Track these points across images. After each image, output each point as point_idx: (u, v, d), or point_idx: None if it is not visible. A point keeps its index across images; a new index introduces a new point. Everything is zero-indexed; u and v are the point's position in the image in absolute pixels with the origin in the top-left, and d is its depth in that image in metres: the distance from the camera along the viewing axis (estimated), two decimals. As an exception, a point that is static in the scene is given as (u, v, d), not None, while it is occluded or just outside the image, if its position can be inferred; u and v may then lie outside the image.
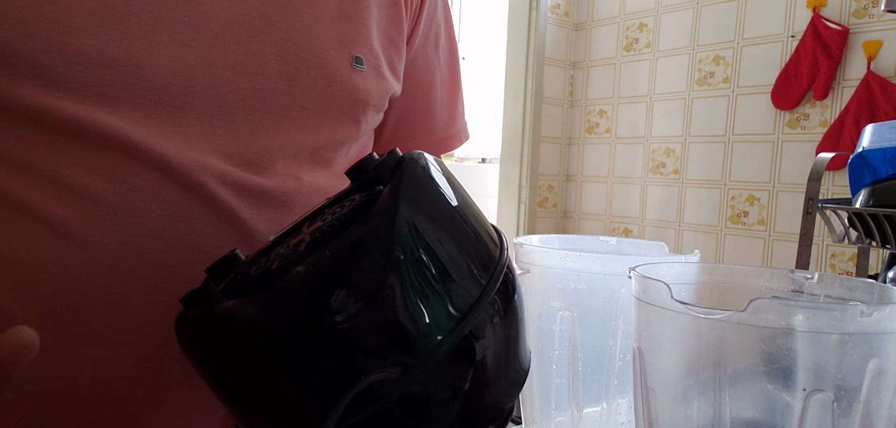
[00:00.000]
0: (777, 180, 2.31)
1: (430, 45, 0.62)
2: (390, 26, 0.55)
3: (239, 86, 0.44)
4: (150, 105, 0.41)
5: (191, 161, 0.42)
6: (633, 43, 2.75)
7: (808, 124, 2.24)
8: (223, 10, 0.43)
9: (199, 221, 0.42)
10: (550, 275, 0.47)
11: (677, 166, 2.61)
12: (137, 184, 0.40)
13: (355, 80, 0.50)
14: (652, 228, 2.71)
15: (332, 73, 0.48)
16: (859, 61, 2.11)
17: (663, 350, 0.35)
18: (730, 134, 2.44)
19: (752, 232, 2.39)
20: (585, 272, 0.45)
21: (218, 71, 0.43)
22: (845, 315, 0.30)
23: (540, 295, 0.47)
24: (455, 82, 0.67)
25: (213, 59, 0.43)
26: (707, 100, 2.50)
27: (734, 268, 0.42)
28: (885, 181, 0.99)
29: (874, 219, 0.96)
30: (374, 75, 0.51)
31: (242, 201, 0.44)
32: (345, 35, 0.49)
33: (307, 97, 0.47)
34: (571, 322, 0.46)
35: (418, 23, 0.59)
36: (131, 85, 0.40)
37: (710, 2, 2.48)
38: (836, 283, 0.39)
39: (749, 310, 0.30)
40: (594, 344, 0.46)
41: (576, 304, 0.46)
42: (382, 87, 0.53)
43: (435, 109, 0.64)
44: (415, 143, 0.62)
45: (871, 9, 2.08)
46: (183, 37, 0.42)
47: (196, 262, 0.40)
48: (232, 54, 0.44)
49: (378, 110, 0.54)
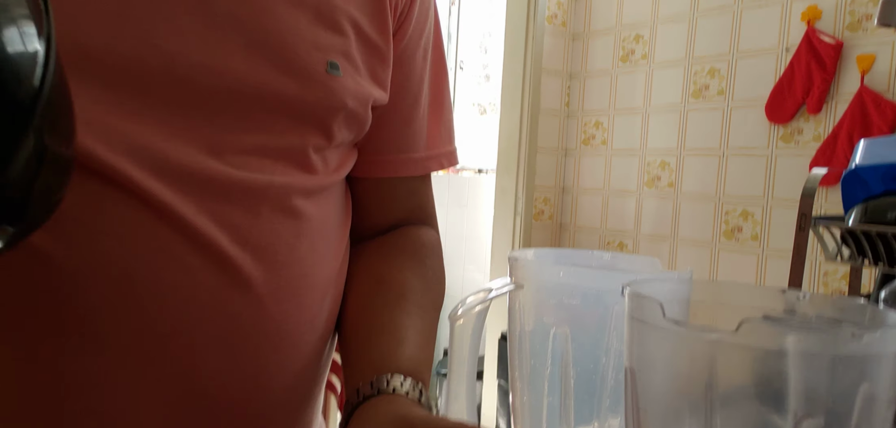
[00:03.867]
0: (771, 195, 2.32)
1: (418, 56, 0.61)
2: (374, 33, 0.54)
3: (201, 85, 0.43)
4: (104, 103, 0.41)
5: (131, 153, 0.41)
6: (629, 54, 2.76)
7: (801, 139, 2.25)
8: (186, 8, 0.43)
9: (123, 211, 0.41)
10: (544, 290, 0.47)
11: (672, 180, 2.62)
12: (92, 187, 0.40)
13: (329, 85, 0.49)
14: (647, 242, 2.71)
15: (303, 77, 0.48)
16: (853, 75, 2.12)
17: (655, 369, 0.35)
18: (724, 148, 2.45)
19: (745, 247, 2.40)
20: (579, 288, 0.45)
21: (180, 71, 0.43)
22: (836, 338, 0.30)
23: (533, 311, 0.47)
24: (441, 101, 0.65)
25: (174, 56, 0.43)
26: (702, 112, 2.51)
27: (727, 285, 0.42)
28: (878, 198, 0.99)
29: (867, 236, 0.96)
30: (351, 83, 0.51)
31: (189, 196, 0.43)
32: (321, 40, 0.49)
33: (273, 100, 0.46)
34: (564, 339, 0.46)
35: (405, 24, 0.58)
36: (88, 78, 0.40)
37: (705, 14, 2.49)
38: (828, 303, 0.39)
39: (740, 331, 0.30)
40: (586, 362, 0.46)
41: (569, 320, 0.46)
42: (360, 94, 0.52)
43: (418, 124, 0.63)
44: (400, 157, 0.62)
45: (866, 23, 2.10)
46: (144, 32, 0.41)
47: (158, 262, 0.40)
48: (195, 53, 0.43)
49: (355, 119, 0.53)
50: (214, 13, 0.44)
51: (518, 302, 0.48)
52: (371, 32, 0.53)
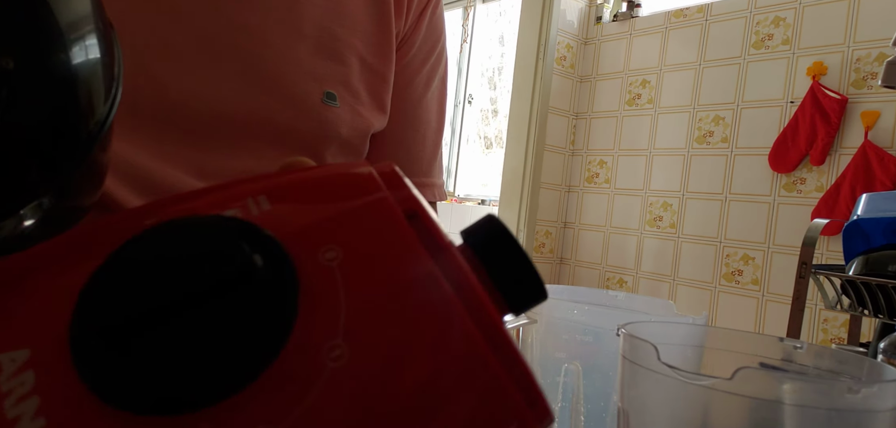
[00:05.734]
0: (772, 241, 2.32)
1: (418, 80, 0.61)
2: (377, 59, 0.54)
3: (192, 110, 0.44)
4: None
5: None
6: (635, 98, 2.79)
7: (804, 188, 2.26)
8: (183, 34, 0.43)
9: None
10: (557, 326, 0.46)
11: (674, 221, 2.62)
12: None
13: (324, 115, 0.49)
14: (647, 280, 2.70)
15: (297, 106, 0.48)
16: (857, 130, 2.14)
17: (648, 412, 0.35)
18: (727, 193, 2.45)
19: (745, 291, 2.39)
20: (591, 327, 0.45)
21: (172, 95, 0.43)
22: (833, 390, 0.29)
23: (544, 346, 0.47)
24: (440, 135, 0.65)
25: (167, 81, 0.43)
26: (705, 158, 2.52)
27: (725, 331, 0.42)
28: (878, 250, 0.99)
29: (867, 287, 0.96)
30: (348, 112, 0.51)
31: None
32: (319, 70, 0.49)
33: (265, 128, 0.47)
34: (576, 375, 0.46)
35: (408, 44, 0.58)
36: None
37: (711, 64, 2.52)
38: (826, 354, 0.39)
39: (736, 378, 0.30)
40: (597, 399, 0.45)
41: (581, 356, 0.46)
42: (358, 124, 0.52)
43: (416, 147, 0.62)
44: None
45: (870, 81, 2.11)
46: (137, 55, 0.42)
47: None
48: (188, 79, 0.44)
49: (350, 148, 0.53)
50: (212, 41, 0.44)
51: (531, 336, 0.48)
52: (375, 60, 0.54)
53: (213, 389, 0.13)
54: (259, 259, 0.14)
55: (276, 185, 0.16)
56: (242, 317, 0.13)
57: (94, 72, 0.22)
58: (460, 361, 0.14)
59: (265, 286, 0.14)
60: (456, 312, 0.15)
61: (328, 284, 0.14)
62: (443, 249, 0.16)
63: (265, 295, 0.14)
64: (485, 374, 0.14)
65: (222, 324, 0.13)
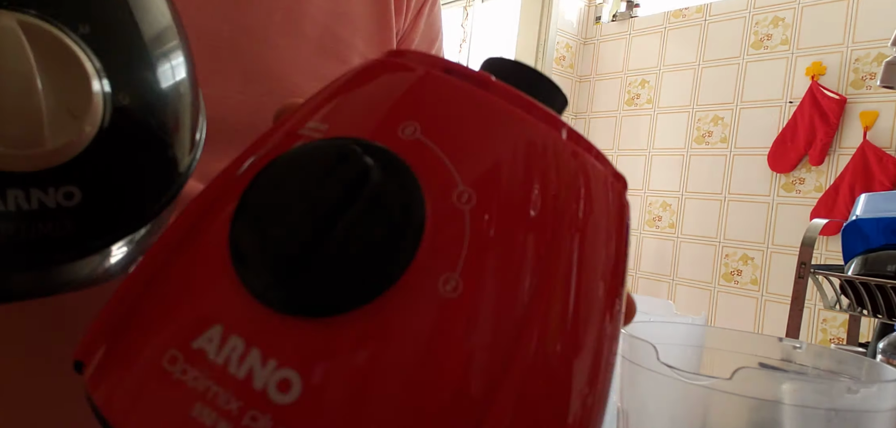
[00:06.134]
0: (771, 241, 2.32)
1: None
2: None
3: None
4: None
5: None
6: (634, 98, 2.79)
7: (803, 188, 2.26)
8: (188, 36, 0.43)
9: None
10: None
11: (673, 221, 2.62)
12: None
13: None
14: (646, 280, 2.70)
15: None
16: (856, 130, 2.14)
17: (647, 413, 0.35)
18: (726, 193, 2.45)
19: (744, 291, 2.39)
20: None
21: None
22: (832, 390, 0.29)
23: None
24: None
25: None
26: (704, 158, 2.52)
27: (724, 331, 0.42)
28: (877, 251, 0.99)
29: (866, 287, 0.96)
30: None
31: None
32: (322, 70, 0.49)
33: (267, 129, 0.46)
34: None
35: (407, 40, 0.58)
36: None
37: (710, 65, 2.52)
38: (825, 354, 0.39)
39: (735, 378, 0.30)
40: None
41: None
42: None
43: None
44: None
45: (869, 81, 2.12)
46: None
47: None
48: None
49: None
50: (213, 43, 0.44)
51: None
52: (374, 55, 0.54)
53: (345, 300, 0.14)
54: (396, 183, 0.15)
55: (427, 118, 0.17)
56: (373, 236, 0.14)
57: (189, 107, 0.23)
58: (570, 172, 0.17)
59: (395, 207, 0.15)
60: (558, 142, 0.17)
61: (455, 218, 0.15)
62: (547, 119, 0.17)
63: (395, 216, 0.15)
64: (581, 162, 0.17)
65: (355, 242, 0.14)
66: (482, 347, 0.14)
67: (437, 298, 0.14)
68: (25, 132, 0.16)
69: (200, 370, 0.14)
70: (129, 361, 0.16)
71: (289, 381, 0.14)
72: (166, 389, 0.14)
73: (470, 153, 0.16)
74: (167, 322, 0.15)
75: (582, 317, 0.16)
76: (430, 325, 0.14)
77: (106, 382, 0.16)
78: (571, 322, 0.16)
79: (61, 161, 0.17)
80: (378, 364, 0.14)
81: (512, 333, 0.15)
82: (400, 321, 0.14)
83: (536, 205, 0.16)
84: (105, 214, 0.19)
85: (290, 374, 0.14)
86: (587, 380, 0.16)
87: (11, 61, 0.16)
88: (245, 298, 0.14)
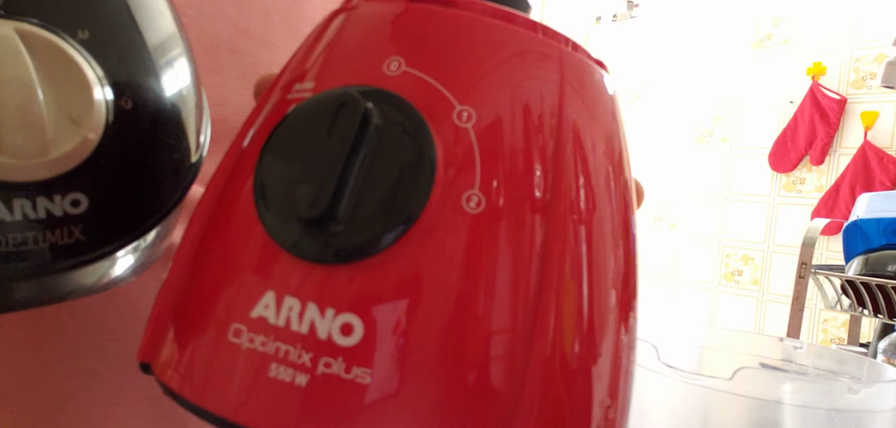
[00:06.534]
0: (772, 241, 2.32)
1: None
2: None
3: None
4: None
5: None
6: (635, 98, 2.79)
7: (804, 189, 2.26)
8: None
9: None
10: None
11: (674, 221, 2.62)
12: None
13: None
14: (647, 280, 2.70)
15: None
16: (856, 130, 2.14)
17: (647, 412, 0.35)
18: (726, 192, 2.45)
19: (745, 291, 2.39)
20: None
21: None
22: (833, 391, 0.29)
23: None
24: None
25: None
26: (705, 157, 2.52)
27: (724, 331, 0.42)
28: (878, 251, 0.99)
29: (866, 288, 0.96)
30: None
31: None
32: None
33: None
34: None
35: None
36: None
37: (711, 64, 2.52)
38: (826, 354, 0.39)
39: (736, 378, 0.30)
40: None
41: None
42: None
43: None
44: None
45: (870, 81, 2.12)
46: None
47: (140, 282, 0.40)
48: None
49: None
50: (213, 43, 0.44)
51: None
52: None
53: (381, 238, 0.15)
54: (399, 118, 0.15)
55: (408, 49, 0.17)
56: (392, 172, 0.15)
57: (193, 108, 0.23)
58: None
59: (404, 139, 0.15)
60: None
61: (461, 137, 0.16)
62: None
63: (407, 147, 0.15)
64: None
65: (378, 182, 0.15)
66: (517, 252, 0.15)
67: (464, 216, 0.15)
68: (28, 142, 0.17)
69: (266, 335, 0.15)
70: (195, 346, 0.16)
71: (350, 324, 0.14)
72: (240, 358, 0.15)
73: (458, 72, 0.16)
74: (220, 301, 0.16)
75: (600, 203, 0.17)
76: (464, 241, 0.15)
77: (178, 369, 0.16)
78: (590, 210, 0.17)
79: (66, 169, 0.17)
80: (426, 287, 0.15)
81: (541, 230, 0.15)
82: (436, 244, 0.15)
83: (532, 106, 0.16)
84: (112, 220, 0.19)
85: (350, 317, 0.14)
86: (619, 241, 0.18)
87: (11, 70, 0.16)
88: (287, 259, 0.15)
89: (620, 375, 0.17)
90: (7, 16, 0.17)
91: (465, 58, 0.17)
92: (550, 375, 0.15)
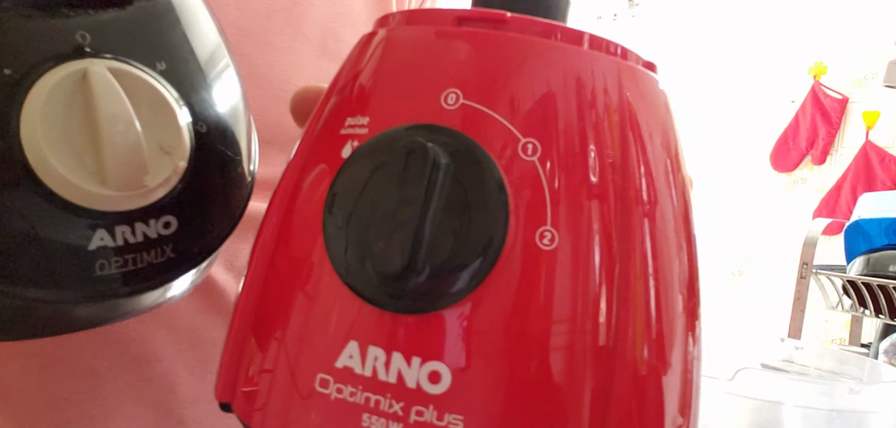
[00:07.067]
0: (772, 241, 2.32)
1: None
2: None
3: None
4: None
5: None
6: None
7: (805, 188, 2.25)
8: None
9: None
10: None
11: (675, 221, 2.62)
12: None
13: None
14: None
15: None
16: (858, 130, 2.14)
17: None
18: (727, 192, 2.45)
19: (746, 291, 2.38)
20: None
21: None
22: (834, 391, 0.29)
23: None
24: None
25: None
26: (706, 157, 2.52)
27: (725, 331, 0.42)
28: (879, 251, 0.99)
29: (868, 288, 0.96)
30: None
31: None
32: (323, 72, 0.49)
33: (271, 132, 0.46)
34: None
35: None
36: None
37: (711, 63, 2.52)
38: (827, 355, 0.38)
39: (737, 379, 0.30)
40: None
41: None
42: None
43: None
44: None
45: (871, 80, 2.11)
46: None
47: None
48: None
49: None
50: None
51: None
52: None
53: (462, 285, 0.15)
54: (467, 160, 0.15)
55: (464, 79, 0.17)
56: (466, 219, 0.15)
57: (247, 122, 0.25)
58: None
59: (475, 182, 0.15)
60: None
61: (528, 172, 0.15)
62: None
63: (478, 191, 0.15)
64: None
65: (453, 230, 0.15)
66: (594, 285, 0.15)
67: (539, 254, 0.15)
68: (130, 174, 0.18)
69: (354, 385, 0.15)
70: (280, 393, 0.16)
71: (437, 372, 0.14)
72: (330, 408, 0.15)
73: (517, 102, 0.16)
74: (301, 349, 0.16)
75: (666, 221, 0.18)
76: (542, 280, 0.15)
77: (266, 414, 0.17)
78: (661, 235, 0.17)
79: (161, 196, 0.19)
80: (509, 329, 0.15)
81: (617, 257, 0.15)
82: (515, 286, 0.15)
83: (595, 131, 0.16)
84: (198, 236, 0.21)
85: (437, 366, 0.15)
86: (687, 245, 0.19)
87: (111, 108, 0.17)
88: (367, 309, 0.15)
89: (691, 390, 0.17)
90: (97, 55, 0.18)
91: (523, 86, 0.16)
92: (631, 411, 0.15)
